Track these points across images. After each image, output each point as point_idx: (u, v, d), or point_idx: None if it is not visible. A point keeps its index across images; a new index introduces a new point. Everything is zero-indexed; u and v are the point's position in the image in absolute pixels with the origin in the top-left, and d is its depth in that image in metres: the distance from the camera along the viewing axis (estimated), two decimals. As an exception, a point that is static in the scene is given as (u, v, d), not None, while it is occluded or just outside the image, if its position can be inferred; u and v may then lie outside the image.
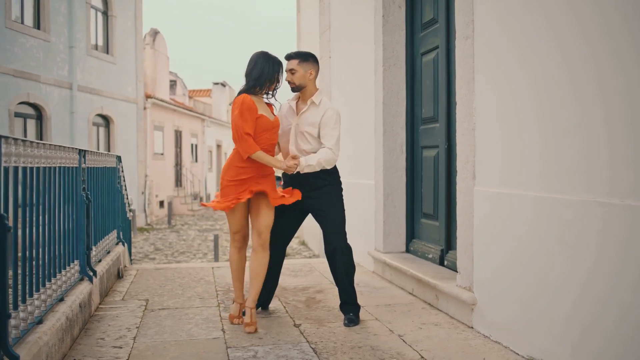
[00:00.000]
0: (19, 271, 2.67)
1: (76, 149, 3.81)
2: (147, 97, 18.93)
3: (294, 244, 13.82)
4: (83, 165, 4.01)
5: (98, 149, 15.31)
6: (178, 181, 23.39)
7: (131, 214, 7.16)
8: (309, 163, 3.65)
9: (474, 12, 3.55)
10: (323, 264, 6.00)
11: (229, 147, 33.83)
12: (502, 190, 3.29)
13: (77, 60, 14.37)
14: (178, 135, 23.49)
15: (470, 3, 3.57)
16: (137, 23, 17.80)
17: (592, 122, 2.58)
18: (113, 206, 5.51)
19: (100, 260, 4.63)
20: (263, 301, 3.99)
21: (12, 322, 2.44)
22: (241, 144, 3.52)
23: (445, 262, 4.55)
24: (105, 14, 16.21)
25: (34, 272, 2.83)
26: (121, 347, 3.22)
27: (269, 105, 3.83)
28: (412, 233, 5.30)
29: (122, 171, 6.18)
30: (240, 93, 3.66)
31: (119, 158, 5.98)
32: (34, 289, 2.81)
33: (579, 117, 2.67)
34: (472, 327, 3.56)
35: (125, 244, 6.03)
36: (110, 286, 4.80)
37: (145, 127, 18.57)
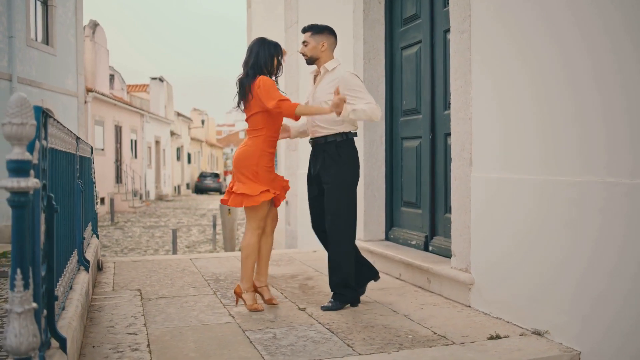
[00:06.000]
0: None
1: (74, 134, 3.74)
2: (88, 90, 18.34)
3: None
4: (78, 153, 3.94)
5: (38, 144, 14.73)
6: (118, 177, 22.76)
7: (98, 206, 7.00)
8: (354, 108, 3.60)
9: (471, 7, 3.74)
10: (299, 254, 6.10)
11: (167, 143, 33.19)
12: (501, 175, 3.49)
13: (17, 51, 13.75)
14: (118, 130, 22.87)
15: (468, -1, 3.76)
16: (77, 14, 17.21)
17: (590, 109, 2.82)
18: (90, 197, 5.40)
19: (85, 252, 4.54)
20: (373, 274, 4.01)
21: (52, 305, 2.41)
22: (283, 107, 3.54)
23: (430, 248, 4.74)
24: (45, 3, 15.58)
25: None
26: (136, 334, 3.21)
27: None
28: (391, 221, 5.47)
29: (93, 162, 6.04)
30: (242, 81, 3.71)
31: (91, 148, 5.84)
32: (59, 275, 2.77)
33: (576, 106, 2.89)
34: (469, 306, 3.75)
35: (98, 237, 5.91)
36: (95, 278, 4.72)
37: (86, 122, 17.99)
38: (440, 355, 2.83)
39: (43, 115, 2.10)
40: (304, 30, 3.88)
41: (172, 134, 34.39)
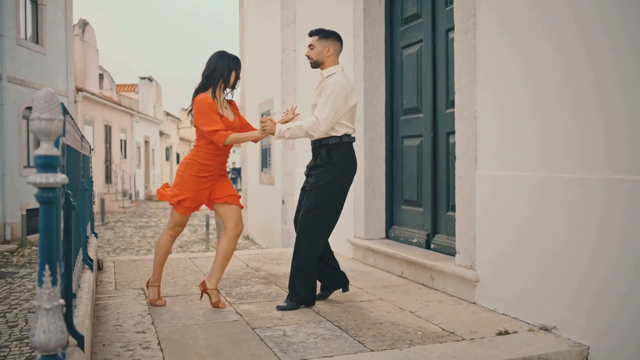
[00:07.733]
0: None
1: (80, 131, 3.72)
2: (78, 90, 18.22)
3: (239, 239, 13.77)
4: (82, 151, 3.92)
5: (28, 144, 14.62)
6: (108, 177, 22.62)
7: (94, 205, 6.96)
8: (289, 127, 3.71)
9: (475, 6, 3.77)
10: (299, 252, 6.09)
11: (156, 143, 33.03)
12: (505, 172, 3.52)
13: (7, 50, 13.60)
14: (108, 130, 22.72)
15: (472, -2, 3.79)
16: (67, 13, 17.05)
17: (589, 107, 2.86)
18: (89, 196, 5.37)
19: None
20: (343, 282, 3.97)
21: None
22: (213, 138, 3.63)
23: (432, 246, 4.76)
24: (34, 2, 15.43)
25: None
26: (145, 332, 3.20)
27: (232, 103, 3.92)
28: (391, 220, 5.49)
29: (91, 161, 6.01)
30: (195, 92, 3.75)
31: (90, 146, 5.81)
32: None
33: (576, 104, 2.93)
34: (474, 303, 3.78)
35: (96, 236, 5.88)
36: (96, 277, 4.69)
37: (75, 122, 17.84)
38: (452, 351, 2.85)
39: (64, 111, 2.10)
40: (311, 34, 3.89)
41: (161, 133, 34.20)
